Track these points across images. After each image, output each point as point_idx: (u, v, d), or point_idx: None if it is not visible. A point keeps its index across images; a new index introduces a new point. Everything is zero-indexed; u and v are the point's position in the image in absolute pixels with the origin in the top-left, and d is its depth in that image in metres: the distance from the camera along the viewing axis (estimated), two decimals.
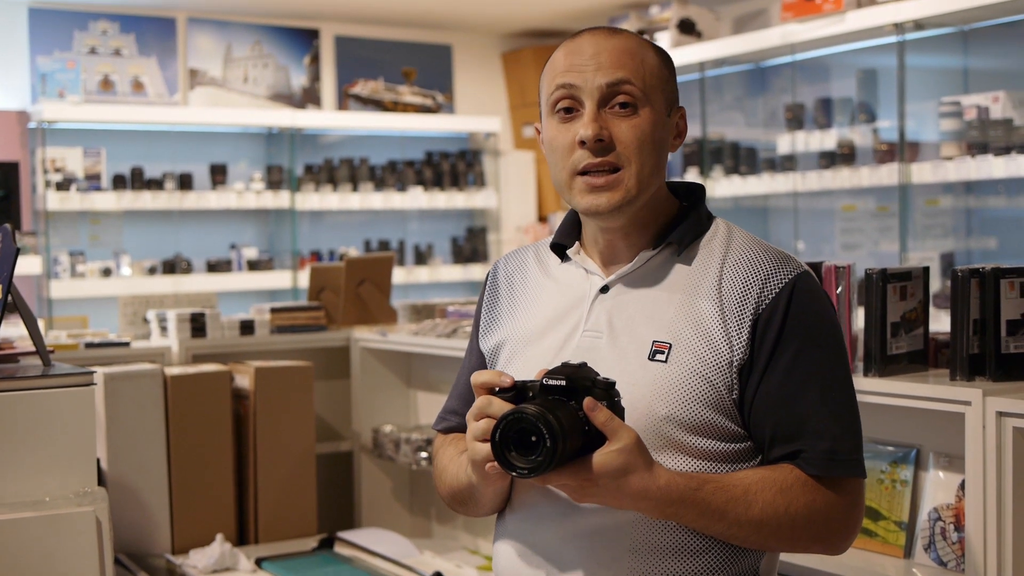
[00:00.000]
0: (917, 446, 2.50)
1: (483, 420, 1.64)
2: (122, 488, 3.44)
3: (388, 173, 7.43)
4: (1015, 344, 2.27)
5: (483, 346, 1.97)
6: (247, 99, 7.25)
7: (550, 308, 1.89)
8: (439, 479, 1.95)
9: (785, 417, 1.73)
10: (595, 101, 1.77)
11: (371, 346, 4.10)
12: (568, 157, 1.79)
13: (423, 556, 3.52)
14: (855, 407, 1.79)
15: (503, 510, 1.88)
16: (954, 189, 5.41)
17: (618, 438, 1.60)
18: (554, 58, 1.84)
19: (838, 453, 1.72)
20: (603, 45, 1.79)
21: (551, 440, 1.55)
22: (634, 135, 1.77)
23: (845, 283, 2.45)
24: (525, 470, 1.57)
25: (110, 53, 6.83)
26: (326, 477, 4.08)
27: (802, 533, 1.72)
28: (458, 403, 1.99)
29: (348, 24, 7.57)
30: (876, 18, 4.80)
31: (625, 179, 1.77)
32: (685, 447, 1.73)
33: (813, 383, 1.74)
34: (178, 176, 6.79)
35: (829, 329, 1.79)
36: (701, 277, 1.80)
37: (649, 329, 1.77)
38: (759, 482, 1.70)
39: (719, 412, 1.74)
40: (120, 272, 6.60)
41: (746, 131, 6.24)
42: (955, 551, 2.38)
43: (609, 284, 1.84)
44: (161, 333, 3.99)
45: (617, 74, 1.77)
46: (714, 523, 1.68)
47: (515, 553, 1.82)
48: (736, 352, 1.74)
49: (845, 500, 1.74)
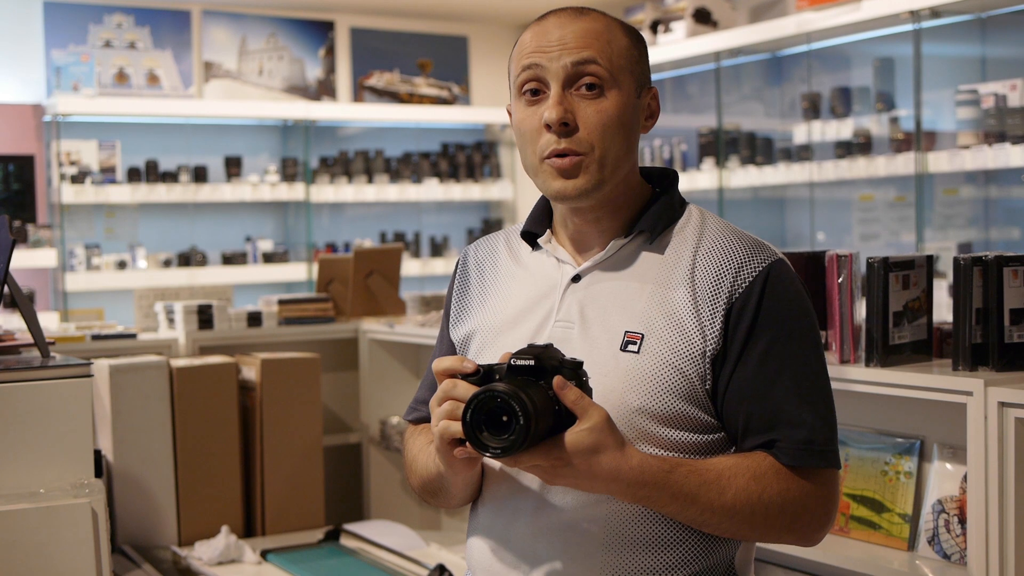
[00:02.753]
0: (921, 437, 2.46)
1: (448, 402, 1.61)
2: (128, 480, 3.43)
3: (403, 165, 7.42)
4: (1019, 333, 2.23)
5: (453, 336, 1.94)
6: (262, 91, 7.25)
7: (521, 298, 1.85)
8: (409, 469, 1.93)
9: (759, 407, 1.70)
10: (560, 82, 1.73)
11: (379, 338, 4.08)
12: (536, 141, 1.76)
13: (429, 548, 3.50)
14: (830, 398, 1.76)
15: (476, 504, 1.86)
16: (974, 179, 5.34)
17: (588, 417, 1.57)
18: (521, 40, 1.81)
19: (814, 443, 1.69)
20: (569, 27, 1.75)
21: (524, 418, 1.51)
22: (600, 119, 1.73)
23: (847, 272, 2.42)
24: (498, 449, 1.54)
25: (125, 46, 6.84)
26: (334, 469, 4.07)
27: (775, 522, 1.69)
28: (428, 392, 1.96)
29: (363, 16, 7.56)
30: (892, 6, 4.74)
31: (591, 163, 1.73)
32: (658, 439, 1.70)
33: (787, 372, 1.71)
34: (193, 169, 6.80)
35: (803, 318, 1.75)
36: (674, 266, 1.76)
37: (621, 319, 1.74)
38: (733, 468, 1.67)
39: (692, 403, 1.71)
40: (135, 265, 6.61)
41: (762, 121, 6.18)
42: (959, 543, 2.34)
43: (581, 273, 1.81)
44: (168, 325, 3.98)
45: (582, 54, 1.73)
46: (686, 507, 1.65)
47: (489, 548, 1.80)
48: (709, 342, 1.70)
49: (820, 491, 1.71)
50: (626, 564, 1.70)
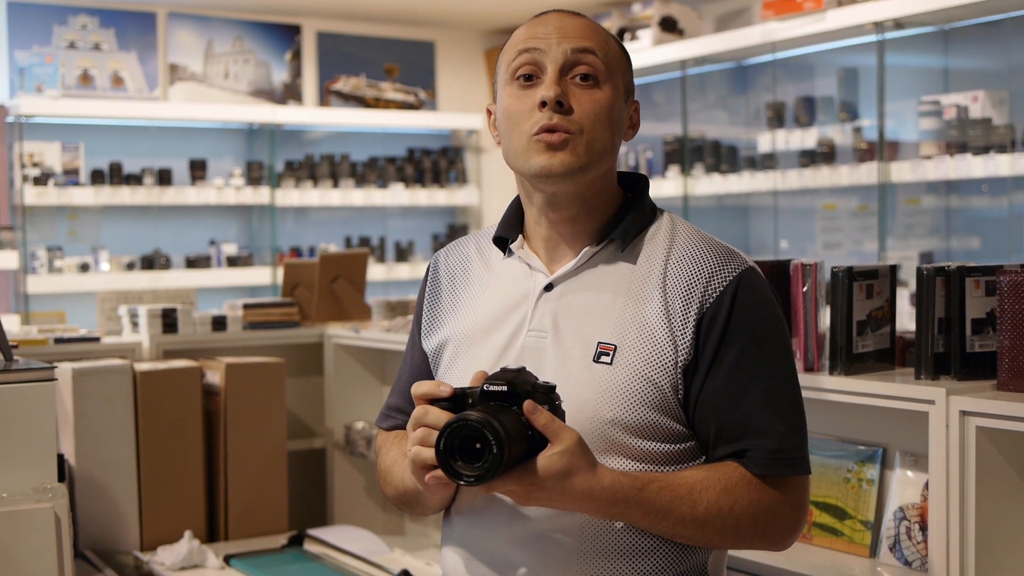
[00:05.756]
0: (883, 445, 2.49)
1: (420, 429, 1.61)
2: (90, 484, 3.41)
3: (369, 170, 7.41)
4: (980, 343, 2.26)
5: (426, 345, 1.94)
6: (228, 94, 7.22)
7: (494, 306, 1.85)
8: (384, 479, 1.92)
9: (730, 416, 1.71)
10: (558, 66, 1.76)
11: (344, 343, 4.07)
12: (527, 120, 1.76)
13: (393, 554, 3.49)
14: (800, 404, 1.77)
15: (450, 513, 1.86)
16: (936, 188, 5.40)
17: (560, 440, 1.57)
18: (515, 35, 1.83)
19: (784, 452, 1.71)
20: (568, 20, 1.80)
21: (497, 446, 1.52)
22: (593, 107, 1.76)
23: (812, 281, 2.44)
24: (472, 478, 1.54)
25: (89, 48, 6.80)
26: (298, 474, 4.05)
27: (747, 531, 1.71)
28: (401, 400, 1.96)
29: (330, 20, 7.54)
30: (856, 17, 4.79)
31: (579, 143, 1.74)
32: (629, 450, 1.71)
33: (758, 382, 1.72)
34: (157, 171, 6.76)
35: (774, 326, 1.76)
36: (645, 276, 1.77)
37: (594, 330, 1.75)
38: (703, 481, 1.68)
39: (664, 413, 1.72)
40: (98, 267, 6.56)
41: (727, 129, 6.22)
42: (920, 551, 2.36)
43: (553, 282, 1.81)
44: (132, 329, 3.96)
45: (583, 43, 1.77)
46: (659, 522, 1.66)
47: (463, 557, 1.80)
48: (681, 352, 1.71)
49: (790, 498, 1.73)
50: (601, 572, 1.71)
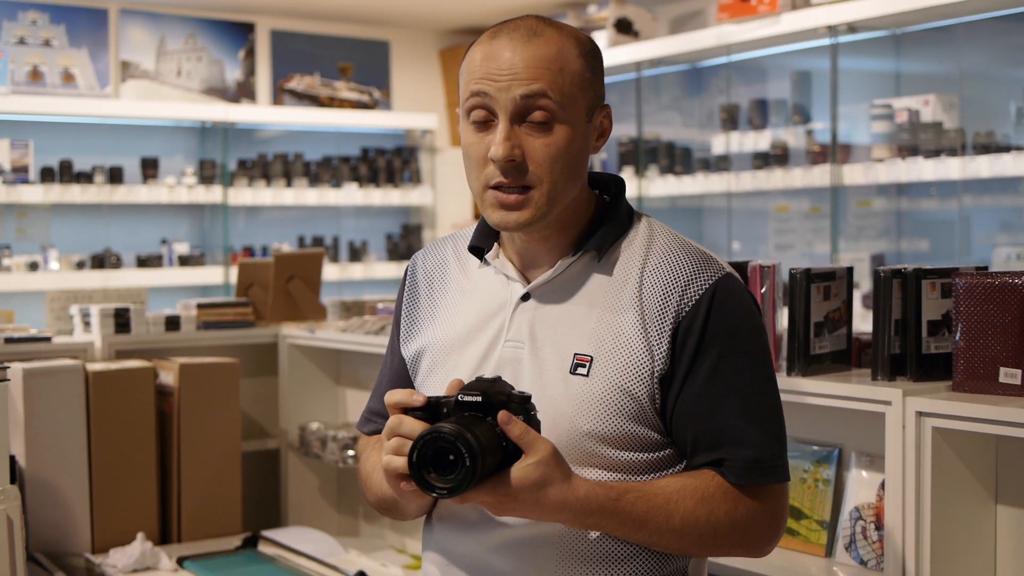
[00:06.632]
0: (839, 445, 2.51)
1: (394, 439, 1.60)
2: (41, 486, 3.37)
3: (323, 169, 7.37)
4: (936, 344, 2.28)
5: (404, 352, 1.92)
6: (180, 92, 7.16)
7: (471, 315, 1.83)
8: (365, 484, 1.91)
9: (706, 426, 1.70)
10: (508, 115, 1.69)
11: (299, 343, 4.05)
12: (481, 169, 1.72)
13: (348, 555, 3.48)
14: (779, 411, 1.76)
15: (430, 518, 1.85)
16: (886, 191, 5.45)
17: (534, 451, 1.57)
18: (471, 56, 1.75)
19: (761, 461, 1.69)
20: (520, 52, 1.69)
21: (470, 459, 1.50)
22: (547, 153, 1.69)
23: (770, 283, 2.45)
24: (444, 490, 1.53)
25: (40, 44, 6.71)
26: (252, 475, 4.03)
27: (724, 540, 1.70)
28: (381, 404, 1.93)
29: (284, 18, 7.50)
30: (810, 20, 4.82)
31: (536, 198, 1.70)
32: (606, 461, 1.70)
33: (734, 390, 1.70)
34: (108, 170, 6.69)
35: (751, 333, 1.75)
36: (621, 286, 1.75)
37: (571, 341, 1.73)
38: (680, 491, 1.67)
39: (641, 423, 1.70)
40: (48, 266, 6.48)
41: (681, 131, 6.25)
42: (875, 550, 2.38)
43: (530, 292, 1.79)
44: (84, 328, 3.91)
45: (532, 86, 1.67)
46: (635, 532, 1.66)
47: (443, 564, 1.80)
48: (657, 361, 1.70)
49: (768, 506, 1.71)
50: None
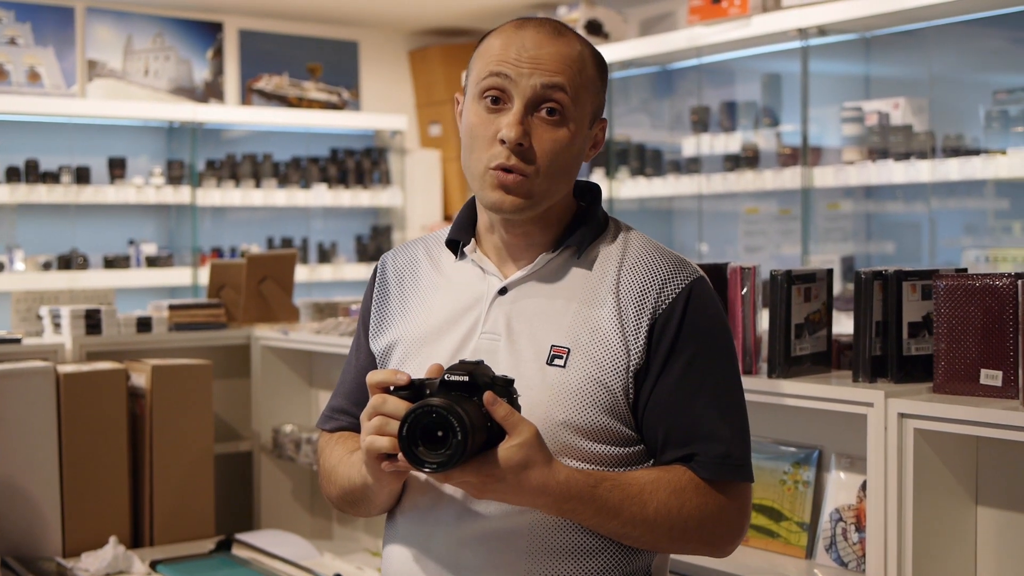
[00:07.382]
0: (819, 447, 2.52)
1: (377, 418, 1.61)
2: (11, 489, 3.33)
3: (292, 170, 7.34)
4: (916, 346, 2.29)
5: (373, 346, 1.92)
6: (148, 92, 7.11)
7: (446, 309, 1.85)
8: (327, 479, 1.91)
9: (678, 421, 1.74)
10: (525, 101, 1.73)
11: (272, 344, 4.03)
12: (486, 150, 1.75)
13: (323, 558, 3.46)
14: (745, 413, 1.81)
15: (393, 513, 1.85)
16: (854, 193, 5.48)
17: (518, 432, 1.59)
18: (491, 42, 1.79)
19: (731, 457, 1.74)
20: (546, 46, 1.75)
21: (462, 433, 1.52)
22: (553, 147, 1.74)
23: (750, 284, 2.46)
24: (435, 464, 1.54)
25: (5, 42, 6.64)
26: (225, 478, 4.00)
27: (693, 535, 1.73)
28: (345, 401, 1.95)
29: (252, 18, 7.46)
30: (781, 23, 4.84)
31: (533, 186, 1.74)
32: (580, 452, 1.72)
33: (706, 388, 1.75)
34: (75, 170, 6.62)
35: (722, 335, 1.80)
36: (599, 281, 1.79)
37: (548, 333, 1.76)
38: (654, 482, 1.70)
39: (615, 417, 1.73)
40: (13, 267, 6.41)
41: (652, 133, 6.26)
42: (856, 551, 2.39)
43: (508, 286, 1.81)
44: (55, 330, 3.88)
45: (554, 78, 1.73)
46: (608, 520, 1.68)
47: (409, 557, 1.79)
48: (633, 356, 1.74)
49: (735, 504, 1.76)
50: (548, 572, 1.71)
